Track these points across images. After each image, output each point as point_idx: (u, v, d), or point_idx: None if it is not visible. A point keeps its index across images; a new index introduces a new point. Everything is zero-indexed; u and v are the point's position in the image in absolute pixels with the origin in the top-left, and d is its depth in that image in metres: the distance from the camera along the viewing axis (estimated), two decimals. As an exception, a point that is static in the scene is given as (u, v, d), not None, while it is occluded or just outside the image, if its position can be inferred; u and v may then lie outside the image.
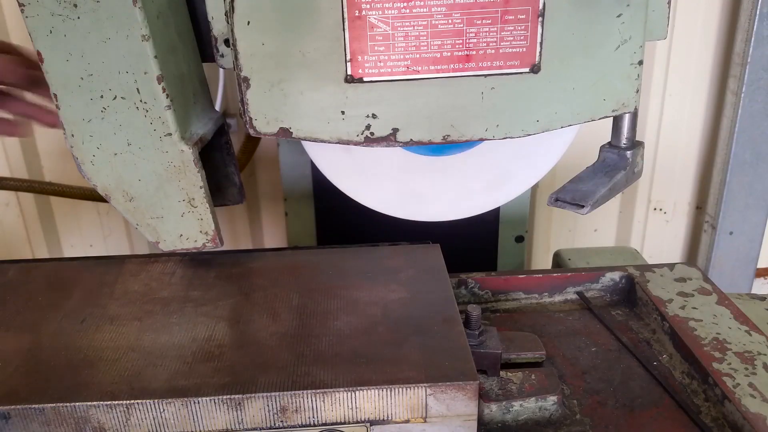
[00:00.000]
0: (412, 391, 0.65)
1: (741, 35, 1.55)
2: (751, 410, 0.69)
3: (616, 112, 0.76)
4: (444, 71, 0.72)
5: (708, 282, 0.93)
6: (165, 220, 0.81)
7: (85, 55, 0.70)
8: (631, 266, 0.97)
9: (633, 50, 0.72)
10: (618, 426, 0.72)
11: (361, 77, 0.71)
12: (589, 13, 0.70)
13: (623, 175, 0.81)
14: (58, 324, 0.76)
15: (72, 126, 0.75)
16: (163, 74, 0.72)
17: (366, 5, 0.68)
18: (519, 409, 0.73)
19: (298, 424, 0.65)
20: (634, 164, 0.82)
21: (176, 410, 0.64)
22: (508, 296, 0.96)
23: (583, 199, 0.78)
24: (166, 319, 0.77)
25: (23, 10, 0.68)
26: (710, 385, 0.74)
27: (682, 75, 1.66)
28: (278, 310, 0.78)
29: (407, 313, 0.76)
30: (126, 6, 0.68)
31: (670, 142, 1.74)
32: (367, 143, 0.75)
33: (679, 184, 1.80)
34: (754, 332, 0.81)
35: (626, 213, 1.85)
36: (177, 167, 0.77)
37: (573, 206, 0.78)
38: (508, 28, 0.70)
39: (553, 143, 0.91)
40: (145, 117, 0.74)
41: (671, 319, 0.84)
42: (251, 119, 0.73)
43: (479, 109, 0.73)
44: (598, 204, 0.79)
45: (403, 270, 0.85)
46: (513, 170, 0.94)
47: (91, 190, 1.09)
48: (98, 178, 0.78)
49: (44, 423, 0.64)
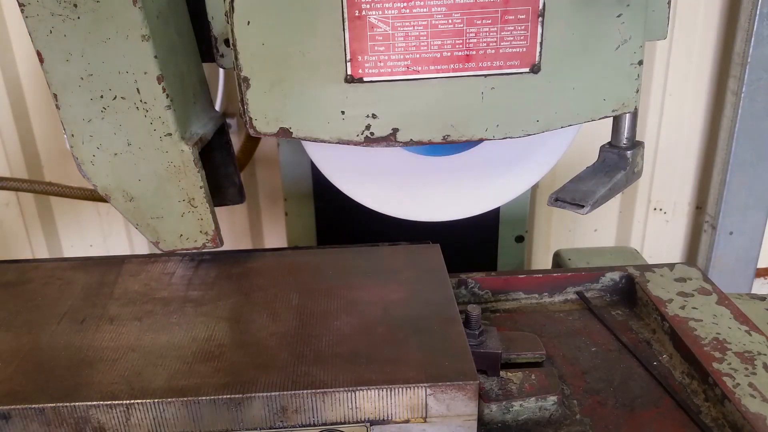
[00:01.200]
0: (412, 391, 0.65)
1: (741, 35, 1.55)
2: (751, 410, 0.69)
3: (616, 112, 0.76)
4: (444, 71, 0.72)
5: (708, 282, 0.93)
6: (165, 220, 0.81)
7: (85, 55, 0.70)
8: (631, 266, 0.97)
9: (633, 50, 0.72)
10: (618, 426, 0.72)
11: (361, 77, 0.71)
12: (589, 13, 0.70)
13: (623, 175, 0.81)
14: (58, 324, 0.76)
15: (72, 126, 0.75)
16: (163, 74, 0.72)
17: (366, 5, 0.68)
18: (519, 409, 0.73)
19: (298, 424, 0.65)
20: (634, 164, 0.82)
21: (176, 410, 0.64)
22: (508, 296, 0.96)
23: (583, 199, 0.78)
24: (166, 319, 0.77)
25: (23, 10, 0.68)
26: (710, 385, 0.74)
27: (682, 75, 1.66)
28: (278, 310, 0.78)
29: (407, 313, 0.76)
30: (126, 6, 0.68)
31: (670, 142, 1.74)
32: (367, 143, 0.74)
33: (679, 184, 1.80)
34: (754, 332, 0.81)
35: (626, 213, 1.85)
36: (177, 167, 0.77)
37: (573, 206, 0.78)
38: (508, 28, 0.70)
39: (553, 143, 0.91)
40: (145, 117, 0.74)
41: (671, 319, 0.84)
42: (251, 119, 0.73)
43: (479, 109, 0.73)
44: (598, 204, 0.79)
45: (403, 270, 0.85)
46: (513, 170, 0.94)
47: (91, 191, 1.10)
48: (98, 178, 0.78)
49: (44, 423, 0.64)
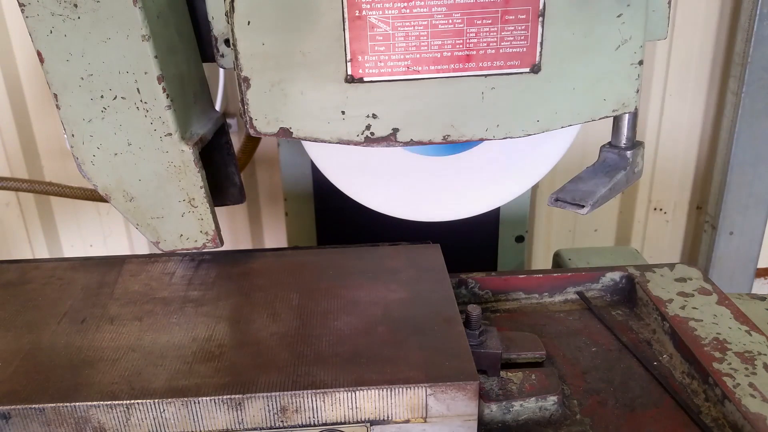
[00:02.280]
0: (413, 391, 0.65)
1: (741, 35, 1.56)
2: (751, 410, 0.69)
3: (616, 112, 0.76)
4: (444, 71, 0.72)
5: (708, 282, 0.93)
6: (165, 220, 0.81)
7: (85, 55, 0.70)
8: (631, 266, 0.97)
9: (633, 50, 0.72)
10: (618, 426, 0.72)
11: (362, 77, 0.71)
12: (589, 13, 0.70)
13: (623, 175, 0.81)
14: (58, 324, 0.76)
15: (72, 126, 0.75)
16: (163, 74, 0.72)
17: (366, 5, 0.68)
18: (519, 409, 0.73)
19: (299, 424, 0.65)
20: (635, 164, 0.82)
21: (176, 410, 0.64)
22: (508, 296, 0.96)
23: (583, 199, 0.78)
24: (167, 319, 0.77)
25: (23, 10, 0.68)
26: (710, 385, 0.74)
27: (682, 75, 1.66)
28: (278, 310, 0.78)
29: (407, 313, 0.76)
30: (126, 6, 0.68)
31: (670, 142, 1.74)
32: (368, 143, 0.74)
33: (679, 184, 1.80)
34: (754, 332, 0.81)
35: (626, 213, 1.85)
36: (177, 167, 0.77)
37: (573, 206, 0.78)
38: (509, 28, 0.70)
39: (553, 143, 0.91)
40: (146, 117, 0.74)
41: (671, 319, 0.84)
42: (251, 119, 0.73)
43: (479, 109, 0.73)
44: (598, 204, 0.79)
45: (403, 270, 0.85)
46: (513, 170, 0.94)
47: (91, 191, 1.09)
48: (99, 178, 0.78)
49: (44, 423, 0.64)
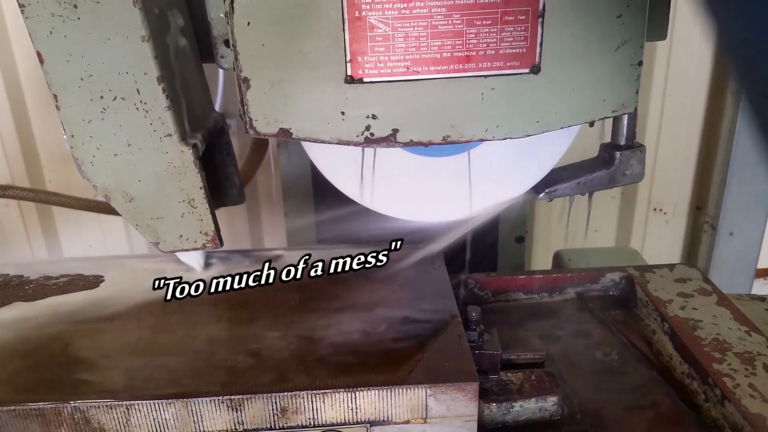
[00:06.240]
0: (412, 392, 0.65)
1: (741, 35, 1.55)
2: (751, 411, 0.69)
3: (616, 112, 0.76)
4: (444, 72, 0.72)
5: (708, 282, 0.93)
6: (165, 221, 0.81)
7: (85, 56, 0.70)
8: (631, 267, 0.97)
9: (633, 51, 0.72)
10: (618, 426, 0.72)
11: (361, 78, 0.71)
12: (589, 13, 0.70)
13: (605, 174, 0.82)
14: (58, 324, 0.76)
15: (72, 127, 0.75)
16: (163, 75, 0.72)
17: (366, 6, 0.68)
18: (519, 409, 0.73)
19: (298, 425, 0.65)
20: (624, 166, 0.82)
21: (176, 411, 0.64)
22: (508, 297, 0.96)
23: (545, 186, 0.82)
24: (166, 319, 0.77)
25: (23, 10, 0.68)
26: (710, 386, 0.74)
27: (682, 75, 1.66)
28: (278, 310, 0.78)
29: (407, 314, 0.76)
30: (126, 6, 0.68)
31: (670, 143, 1.74)
32: (367, 144, 0.74)
33: (679, 185, 1.80)
34: (754, 333, 0.81)
35: (626, 213, 1.85)
36: (177, 168, 0.77)
37: (532, 192, 0.83)
38: (508, 28, 0.70)
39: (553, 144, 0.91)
40: (145, 117, 0.74)
41: (671, 320, 0.84)
42: (251, 120, 0.73)
43: (479, 110, 0.73)
44: (559, 194, 0.81)
45: (403, 270, 0.85)
46: (513, 171, 0.94)
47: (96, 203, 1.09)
48: (98, 178, 0.78)
49: (44, 423, 0.64)
